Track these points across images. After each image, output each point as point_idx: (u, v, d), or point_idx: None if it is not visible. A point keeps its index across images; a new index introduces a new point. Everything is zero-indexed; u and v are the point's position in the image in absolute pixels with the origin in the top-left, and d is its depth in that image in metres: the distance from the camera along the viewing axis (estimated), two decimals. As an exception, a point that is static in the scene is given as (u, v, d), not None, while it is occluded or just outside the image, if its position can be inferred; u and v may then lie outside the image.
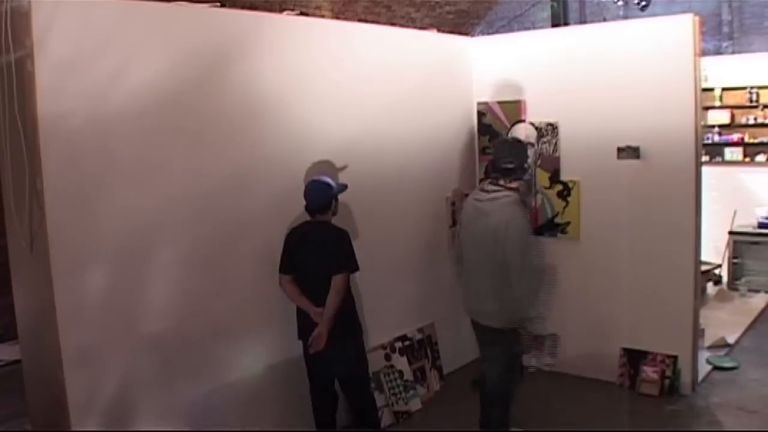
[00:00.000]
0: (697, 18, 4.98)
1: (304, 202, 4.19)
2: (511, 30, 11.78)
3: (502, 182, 4.10)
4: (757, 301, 7.52)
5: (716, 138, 9.62)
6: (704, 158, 6.32)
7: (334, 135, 4.73)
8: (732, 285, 7.95)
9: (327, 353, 4.09)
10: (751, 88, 9.26)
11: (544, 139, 5.63)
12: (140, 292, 3.69)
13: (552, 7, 11.68)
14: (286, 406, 4.46)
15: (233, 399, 4.16)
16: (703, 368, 5.53)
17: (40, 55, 3.23)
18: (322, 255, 4.10)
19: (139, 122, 3.63)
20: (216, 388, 4.06)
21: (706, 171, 5.41)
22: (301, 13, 5.31)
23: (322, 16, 9.77)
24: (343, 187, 4.33)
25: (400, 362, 5.22)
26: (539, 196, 5.72)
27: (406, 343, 5.34)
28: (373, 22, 9.64)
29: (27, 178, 3.33)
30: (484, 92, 5.93)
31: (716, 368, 5.63)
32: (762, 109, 9.35)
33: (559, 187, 5.60)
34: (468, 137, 5.96)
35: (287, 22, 4.56)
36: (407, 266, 5.42)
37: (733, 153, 9.54)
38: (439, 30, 6.16)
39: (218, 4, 4.14)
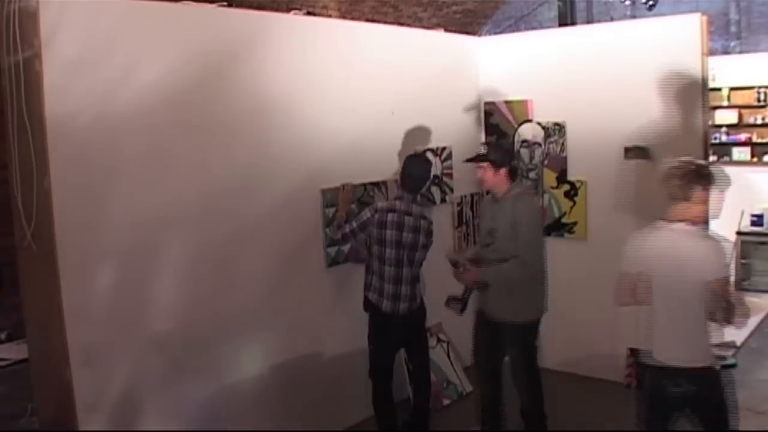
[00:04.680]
0: (704, 17, 4.96)
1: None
2: (518, 29, 11.78)
3: None
4: (765, 301, 7.47)
5: (724, 138, 9.59)
6: (712, 158, 6.30)
7: (342, 134, 4.72)
8: (739, 285, 7.91)
9: None
10: (759, 87, 9.23)
11: (551, 139, 5.62)
12: (147, 291, 3.70)
13: (559, 6, 11.67)
14: (292, 407, 4.47)
15: (239, 399, 4.16)
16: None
17: (48, 55, 3.23)
18: None
19: (146, 121, 3.64)
20: (223, 388, 4.06)
21: (714, 171, 5.38)
22: (308, 13, 5.31)
23: (329, 16, 9.77)
24: None
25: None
26: (546, 196, 5.70)
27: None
28: (380, 21, 9.64)
29: (35, 178, 3.34)
30: (492, 92, 5.92)
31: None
32: (770, 109, 9.33)
33: (567, 187, 5.58)
34: (475, 137, 5.94)
35: (294, 21, 4.55)
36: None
37: (740, 153, 9.52)
38: (446, 30, 6.14)
39: (225, 3, 4.14)
